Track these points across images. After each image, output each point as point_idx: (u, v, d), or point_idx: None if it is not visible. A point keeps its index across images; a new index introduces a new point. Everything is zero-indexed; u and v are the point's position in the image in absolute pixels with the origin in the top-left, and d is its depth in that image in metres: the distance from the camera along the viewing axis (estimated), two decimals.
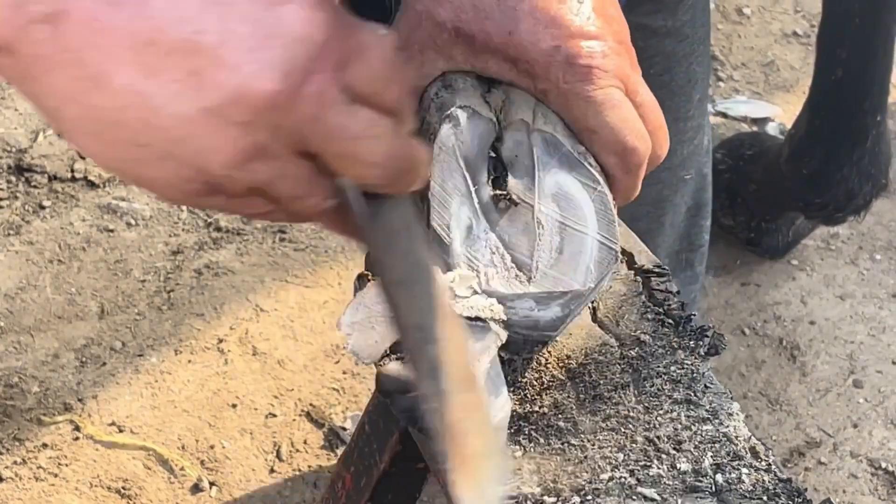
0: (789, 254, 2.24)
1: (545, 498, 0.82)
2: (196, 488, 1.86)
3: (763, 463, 0.83)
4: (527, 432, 0.87)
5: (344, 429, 1.93)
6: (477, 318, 0.83)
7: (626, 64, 0.91)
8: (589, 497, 0.82)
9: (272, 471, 1.89)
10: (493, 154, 0.92)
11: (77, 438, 1.91)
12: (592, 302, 0.94)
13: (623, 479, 0.83)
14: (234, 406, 1.96)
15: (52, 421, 1.93)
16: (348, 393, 1.99)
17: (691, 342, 0.93)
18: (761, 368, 2.07)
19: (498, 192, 0.90)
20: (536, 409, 0.88)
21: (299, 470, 1.89)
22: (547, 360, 0.90)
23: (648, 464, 0.84)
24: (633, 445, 0.86)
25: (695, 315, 0.97)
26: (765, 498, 0.83)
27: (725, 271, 2.22)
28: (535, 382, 0.89)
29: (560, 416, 0.87)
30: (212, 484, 1.87)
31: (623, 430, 0.88)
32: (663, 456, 0.85)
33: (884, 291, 2.20)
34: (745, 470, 0.83)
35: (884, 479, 1.94)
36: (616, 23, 0.93)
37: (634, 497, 0.82)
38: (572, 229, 0.88)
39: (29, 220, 2.22)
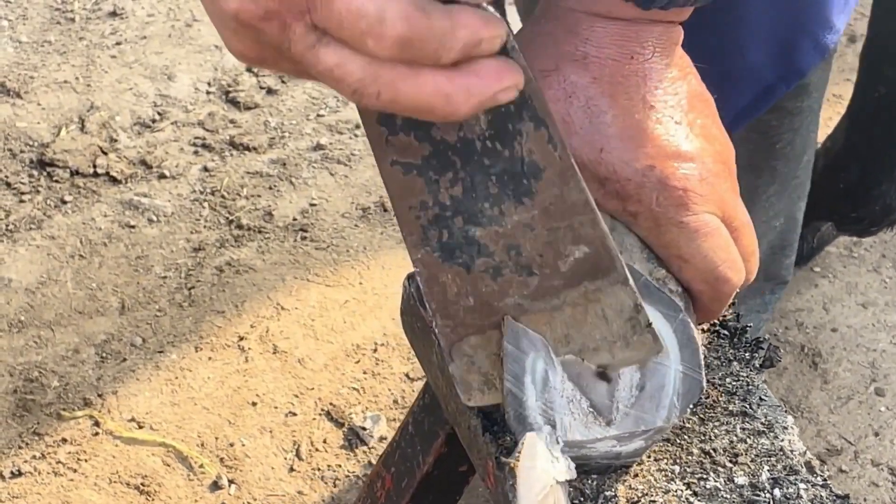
0: (812, 261, 2.23)
1: None
2: (215, 486, 1.86)
3: (819, 478, 0.83)
4: None
5: (364, 429, 1.93)
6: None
7: (725, 187, 0.86)
8: None
9: (291, 469, 1.89)
10: None
11: (96, 434, 1.91)
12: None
13: (679, 492, 0.82)
14: (253, 404, 1.96)
15: (72, 416, 1.93)
16: (368, 393, 1.98)
17: (746, 354, 0.92)
18: (783, 375, 2.06)
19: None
20: None
21: (318, 469, 1.89)
22: None
23: (705, 476, 0.84)
24: (689, 458, 0.85)
25: (750, 327, 0.97)
26: None
27: None
28: None
29: None
30: (231, 482, 1.86)
31: (678, 441, 0.88)
32: (720, 469, 0.84)
33: None
34: (802, 485, 0.82)
35: None
36: (718, 142, 0.88)
37: None
38: (653, 363, 0.84)
39: (50, 214, 2.21)
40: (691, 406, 0.86)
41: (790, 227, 1.56)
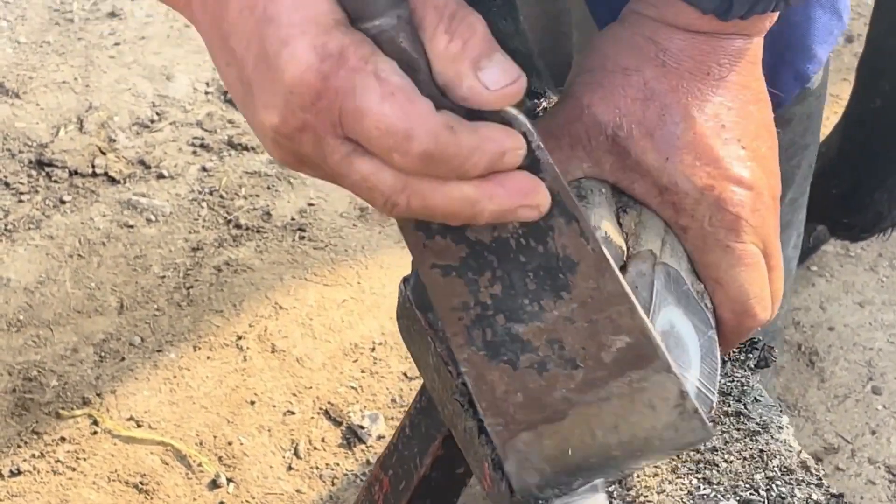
0: (809, 260, 2.23)
1: None
2: (213, 484, 1.87)
3: (814, 477, 0.83)
4: None
5: (362, 427, 1.93)
6: None
7: (773, 223, 0.87)
8: None
9: (290, 468, 1.89)
10: None
11: (95, 433, 1.91)
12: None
13: (674, 493, 0.83)
14: (252, 403, 1.96)
15: (71, 415, 1.93)
16: (366, 391, 1.99)
17: (741, 354, 0.92)
18: (780, 374, 2.07)
19: None
20: None
21: (317, 468, 1.89)
22: None
23: (700, 477, 0.84)
24: (684, 458, 0.85)
25: None
26: None
27: None
28: None
29: None
30: (229, 480, 1.87)
31: None
32: (715, 469, 0.84)
33: None
34: (797, 484, 0.82)
35: None
36: (774, 177, 0.88)
37: None
38: (678, 372, 0.83)
39: (49, 214, 2.22)
40: None
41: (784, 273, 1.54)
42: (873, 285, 2.21)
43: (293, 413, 1.95)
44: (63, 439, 1.90)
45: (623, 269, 0.85)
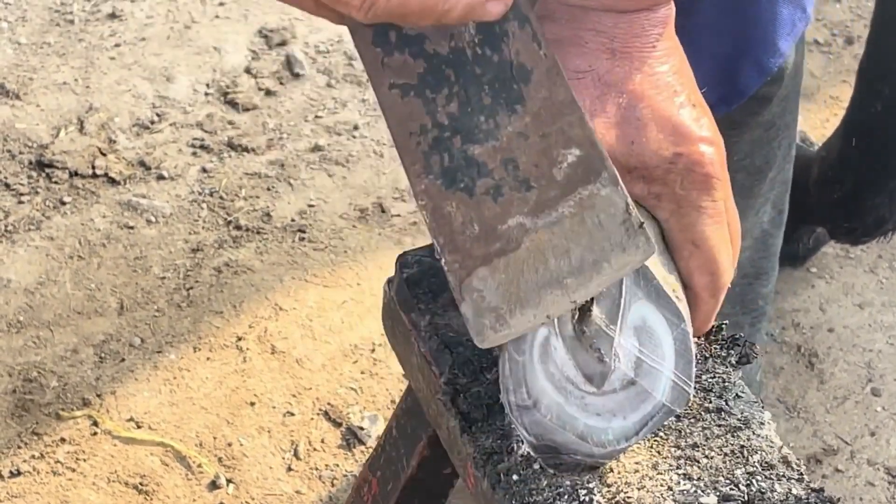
0: (808, 262, 2.23)
1: None
2: (213, 485, 1.87)
3: (795, 472, 0.83)
4: None
5: (361, 428, 1.93)
6: None
7: (727, 173, 0.89)
8: None
9: (289, 469, 1.89)
10: None
11: (95, 434, 1.91)
12: None
13: (655, 488, 0.83)
14: (252, 404, 1.96)
15: (71, 416, 1.93)
16: (366, 393, 1.99)
17: (722, 351, 0.93)
18: (779, 375, 2.07)
19: (581, 320, 0.86)
20: None
21: (316, 469, 1.89)
22: None
23: (681, 472, 0.84)
24: (665, 453, 0.86)
25: (726, 324, 0.97)
26: None
27: None
28: None
29: None
30: (229, 481, 1.87)
31: (654, 437, 0.88)
32: (695, 464, 0.85)
33: None
34: (777, 479, 0.83)
35: None
36: (717, 127, 0.90)
37: None
38: (649, 365, 0.85)
39: (49, 215, 2.22)
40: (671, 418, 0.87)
41: (762, 254, 1.53)
42: (873, 287, 2.22)
43: (293, 414, 1.95)
44: (63, 440, 1.90)
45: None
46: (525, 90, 0.80)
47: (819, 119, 2.17)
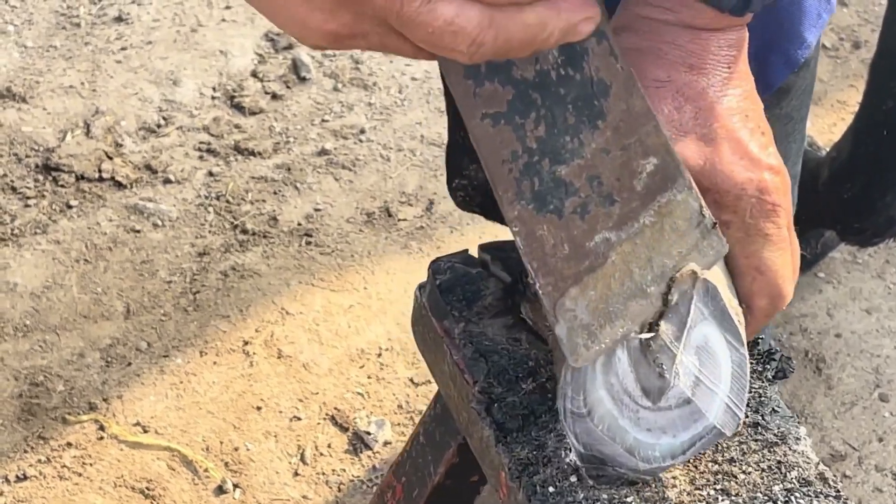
0: (816, 266, 2.23)
1: None
2: (220, 490, 1.87)
3: (832, 490, 0.83)
4: None
5: (368, 433, 1.93)
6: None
7: (790, 201, 0.90)
8: None
9: (296, 474, 1.89)
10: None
11: (101, 438, 1.91)
12: None
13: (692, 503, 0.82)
14: (258, 408, 1.96)
15: (77, 420, 1.93)
16: (373, 398, 1.99)
17: (759, 365, 0.92)
18: (787, 381, 2.06)
19: (648, 334, 0.87)
20: None
21: (323, 473, 1.89)
22: None
23: (718, 488, 0.84)
24: (702, 469, 0.85)
25: (762, 338, 0.97)
26: None
27: None
28: None
29: None
30: (235, 486, 1.87)
31: None
32: (733, 480, 0.84)
33: None
34: (815, 497, 0.82)
35: None
36: (781, 157, 0.91)
37: None
38: (706, 386, 0.86)
39: (56, 219, 2.22)
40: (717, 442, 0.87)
41: None
42: (881, 292, 2.21)
43: (299, 419, 1.95)
44: (69, 444, 1.90)
45: (667, 292, 0.87)
46: (605, 105, 0.82)
47: (826, 123, 2.16)
